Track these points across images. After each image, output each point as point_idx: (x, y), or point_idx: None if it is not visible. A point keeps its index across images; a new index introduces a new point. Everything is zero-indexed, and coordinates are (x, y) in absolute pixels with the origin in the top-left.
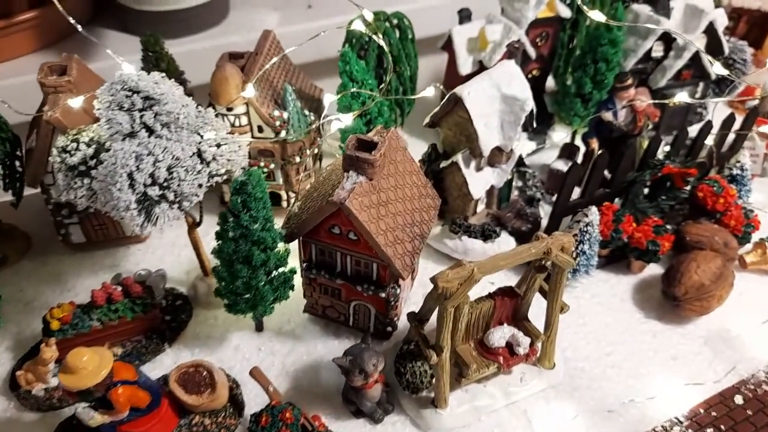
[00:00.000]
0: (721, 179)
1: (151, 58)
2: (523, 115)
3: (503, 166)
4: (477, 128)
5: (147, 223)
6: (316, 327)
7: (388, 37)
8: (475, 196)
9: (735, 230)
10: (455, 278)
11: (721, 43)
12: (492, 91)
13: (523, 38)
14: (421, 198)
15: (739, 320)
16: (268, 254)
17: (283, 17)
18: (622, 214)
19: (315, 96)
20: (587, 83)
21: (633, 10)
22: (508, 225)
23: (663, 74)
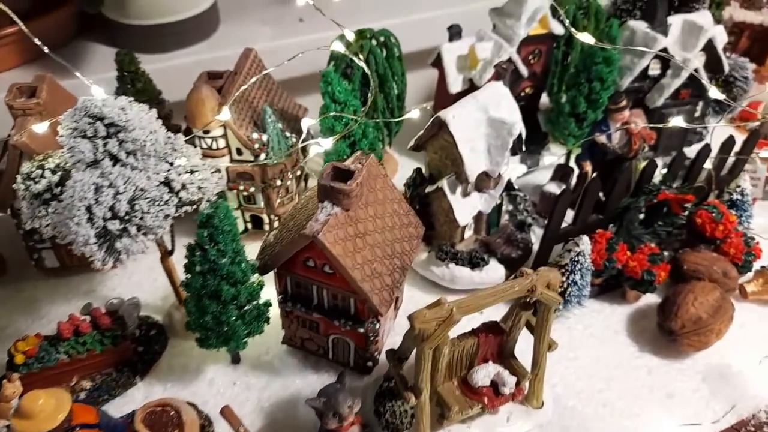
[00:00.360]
0: (720, 204)
1: (126, 78)
2: (510, 139)
3: (491, 192)
4: (462, 153)
5: (109, 258)
6: (294, 359)
7: (373, 55)
8: (461, 223)
9: (735, 259)
10: (433, 319)
11: (721, 61)
12: (478, 115)
13: (514, 56)
14: (402, 227)
15: (740, 355)
16: (238, 289)
17: (274, 31)
18: (616, 242)
19: (299, 116)
20: (581, 102)
21: (629, 27)
22: (497, 251)
23: (660, 93)
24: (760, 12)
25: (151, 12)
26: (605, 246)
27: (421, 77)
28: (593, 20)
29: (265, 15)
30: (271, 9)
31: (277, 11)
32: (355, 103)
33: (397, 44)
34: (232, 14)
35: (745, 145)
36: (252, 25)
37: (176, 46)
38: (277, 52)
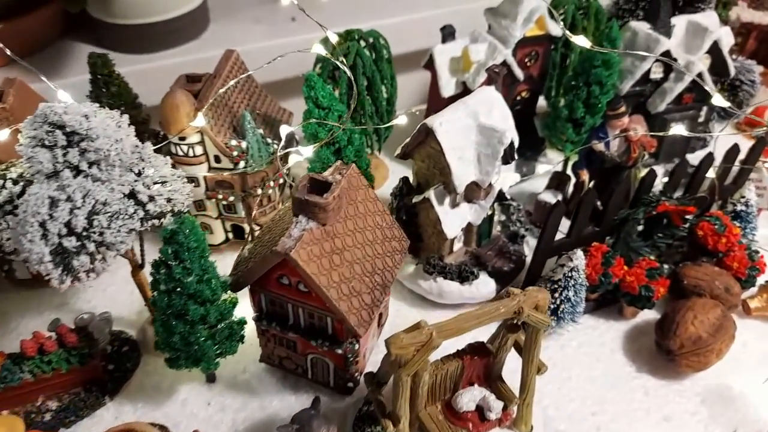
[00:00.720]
0: (723, 216)
1: (99, 82)
2: (501, 148)
3: (481, 202)
4: (450, 162)
5: (66, 276)
6: (272, 378)
7: (360, 57)
8: (449, 236)
9: (738, 273)
10: (411, 344)
11: (727, 64)
12: (468, 121)
13: (509, 59)
14: (384, 242)
15: (742, 376)
16: (207, 308)
17: (266, 31)
18: (613, 256)
19: (283, 120)
20: (579, 107)
21: (631, 28)
22: (488, 264)
23: (662, 98)
24: None
25: (137, 11)
26: (601, 260)
27: (414, 79)
28: (593, 21)
29: (256, 14)
30: (264, 7)
31: (269, 10)
32: (340, 108)
33: (386, 46)
34: (223, 13)
35: (750, 154)
36: (243, 24)
37: (164, 46)
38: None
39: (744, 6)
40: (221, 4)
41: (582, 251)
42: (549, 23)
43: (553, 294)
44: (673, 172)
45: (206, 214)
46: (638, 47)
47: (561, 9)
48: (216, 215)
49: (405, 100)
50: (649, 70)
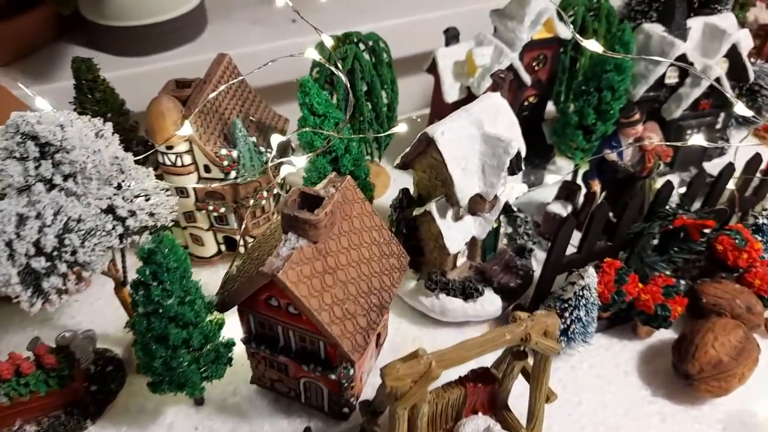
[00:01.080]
0: (744, 229)
1: (83, 87)
2: (507, 158)
3: (486, 215)
4: (452, 174)
5: (36, 299)
6: (264, 401)
7: (359, 62)
8: (452, 251)
9: (760, 291)
10: (408, 374)
11: (746, 68)
12: (471, 130)
13: (516, 63)
14: (382, 259)
15: (765, 402)
16: (190, 332)
17: (264, 32)
18: (626, 273)
19: (278, 127)
20: (590, 114)
21: (644, 30)
22: (494, 280)
23: (678, 104)
24: None
25: (131, 13)
26: (614, 277)
27: (418, 83)
28: (604, 23)
29: (255, 15)
30: (262, 9)
31: (268, 11)
32: (336, 114)
33: (386, 49)
34: (221, 15)
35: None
36: (241, 26)
37: (159, 48)
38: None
39: (762, 7)
40: (219, 6)
41: (594, 267)
42: (558, 25)
43: (564, 313)
44: (691, 183)
45: (197, 226)
46: (652, 51)
47: (571, 10)
48: (207, 227)
49: (408, 104)
50: (663, 75)
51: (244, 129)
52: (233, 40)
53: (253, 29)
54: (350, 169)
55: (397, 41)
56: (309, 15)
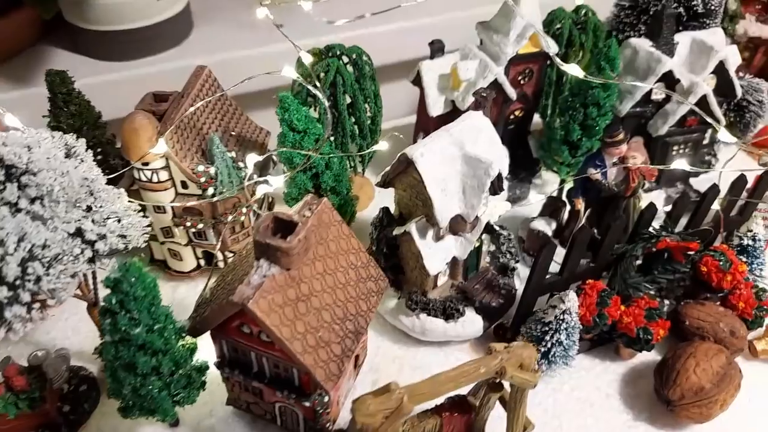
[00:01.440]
0: (728, 251)
1: (58, 101)
2: (488, 180)
3: (467, 236)
4: (432, 195)
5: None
6: (241, 423)
7: (341, 75)
8: (431, 272)
9: (744, 314)
10: (379, 410)
11: (733, 85)
12: (452, 150)
13: (501, 77)
14: (359, 283)
15: (748, 427)
16: (159, 359)
17: (251, 37)
18: (608, 295)
19: (259, 141)
20: (575, 130)
21: (631, 45)
22: (475, 299)
23: (664, 120)
24: None
25: (114, 17)
26: (596, 300)
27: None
28: (591, 36)
29: (242, 19)
30: (250, 13)
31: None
32: (317, 130)
33: (369, 62)
34: (206, 19)
35: (757, 185)
36: (228, 30)
37: (143, 53)
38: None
39: (752, 19)
40: (205, 10)
41: (576, 288)
42: (543, 39)
43: (544, 337)
44: (675, 204)
45: (175, 241)
46: (638, 66)
47: (557, 23)
48: (185, 242)
49: (395, 110)
50: (650, 91)
51: (221, 145)
52: (218, 45)
53: (238, 34)
54: (331, 185)
55: (384, 48)
56: (294, 22)
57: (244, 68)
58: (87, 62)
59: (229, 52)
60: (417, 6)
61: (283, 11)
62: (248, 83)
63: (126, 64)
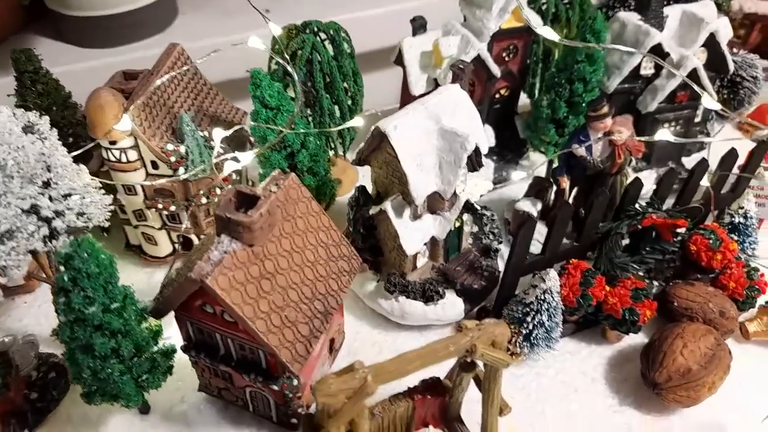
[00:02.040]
0: (719, 229)
1: (24, 79)
2: (464, 154)
3: (446, 214)
4: (407, 171)
5: None
6: (213, 409)
7: (318, 52)
8: (409, 252)
9: (735, 294)
10: (341, 390)
11: (725, 59)
12: (428, 124)
13: (483, 53)
14: (329, 262)
15: (738, 412)
16: (119, 341)
17: (237, 23)
18: (593, 275)
19: (236, 121)
20: (561, 107)
21: (619, 19)
22: (456, 281)
23: (653, 96)
24: None
25: (96, 2)
26: (579, 279)
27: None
28: (577, 11)
29: (228, 5)
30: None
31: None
32: (291, 107)
33: (347, 39)
34: (193, 5)
35: (749, 160)
36: (213, 17)
37: (126, 39)
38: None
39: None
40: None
41: (560, 269)
42: (527, 13)
43: (526, 318)
44: (661, 181)
45: (148, 225)
46: (626, 40)
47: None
48: (159, 225)
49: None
50: (639, 66)
51: (191, 123)
52: (203, 31)
53: (224, 21)
54: (308, 165)
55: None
56: (282, 6)
57: (229, 55)
58: (70, 50)
59: (213, 38)
60: None
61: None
62: (235, 69)
63: (109, 51)
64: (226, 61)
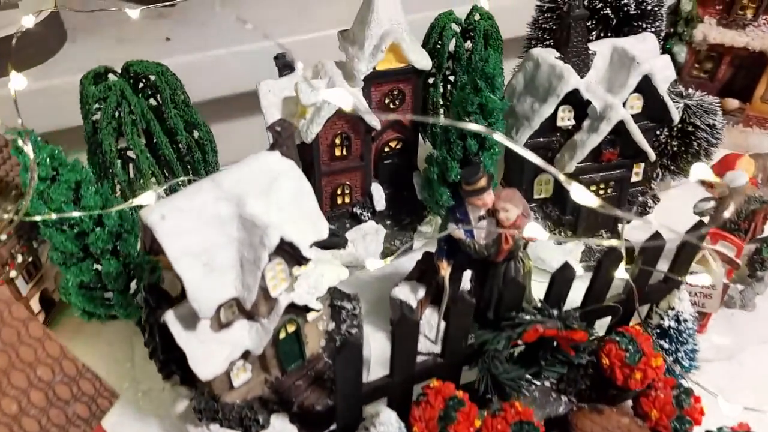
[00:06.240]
0: (640, 335)
1: None
2: (263, 253)
3: (264, 321)
4: (182, 275)
5: None
6: None
7: (127, 102)
8: (203, 377)
9: (659, 426)
10: None
11: (666, 107)
12: (222, 209)
13: (357, 102)
14: (53, 409)
15: None
16: None
17: (133, 51)
18: (458, 405)
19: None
20: (454, 168)
21: (533, 57)
22: (294, 401)
23: (572, 154)
24: (745, 31)
25: None
26: (439, 411)
27: None
28: (480, 48)
29: (123, 32)
30: (132, 26)
31: (139, 28)
32: (78, 174)
33: (175, 83)
34: (84, 28)
35: (680, 251)
36: (106, 44)
37: None
38: None
39: (712, 23)
40: (82, 22)
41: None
42: (410, 52)
43: None
44: (553, 280)
45: None
46: (539, 84)
47: (437, 29)
48: None
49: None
50: (555, 116)
51: None
52: (96, 60)
53: (118, 48)
54: (106, 247)
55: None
56: (185, 34)
57: None
58: None
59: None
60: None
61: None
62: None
63: None
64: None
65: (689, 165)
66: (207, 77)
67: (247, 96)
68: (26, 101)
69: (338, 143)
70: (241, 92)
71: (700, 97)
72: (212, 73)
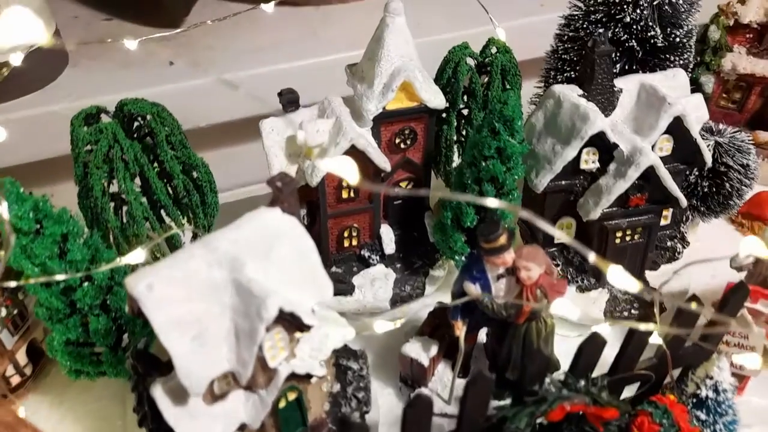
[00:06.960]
0: (676, 406)
1: None
2: (260, 325)
3: (262, 392)
4: (170, 349)
5: None
6: None
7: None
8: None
9: None
10: None
11: (698, 149)
12: (215, 275)
13: (359, 143)
14: None
15: None
16: None
17: (138, 77)
18: None
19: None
20: (469, 214)
21: (554, 94)
22: None
23: (597, 199)
24: None
25: None
26: None
27: None
28: (496, 84)
29: (128, 57)
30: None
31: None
32: (65, 226)
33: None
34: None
35: (723, 302)
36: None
37: None
38: None
39: (742, 52)
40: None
41: None
42: (422, 91)
43: None
44: (581, 351)
45: None
46: (561, 124)
47: (451, 64)
48: None
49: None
50: (578, 158)
51: None
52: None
53: (122, 74)
54: (92, 303)
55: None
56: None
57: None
58: None
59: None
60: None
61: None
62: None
63: None
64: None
65: (720, 206)
66: (212, 101)
67: (252, 120)
68: (25, 127)
69: (345, 185)
70: (247, 117)
71: (732, 134)
72: (217, 97)
